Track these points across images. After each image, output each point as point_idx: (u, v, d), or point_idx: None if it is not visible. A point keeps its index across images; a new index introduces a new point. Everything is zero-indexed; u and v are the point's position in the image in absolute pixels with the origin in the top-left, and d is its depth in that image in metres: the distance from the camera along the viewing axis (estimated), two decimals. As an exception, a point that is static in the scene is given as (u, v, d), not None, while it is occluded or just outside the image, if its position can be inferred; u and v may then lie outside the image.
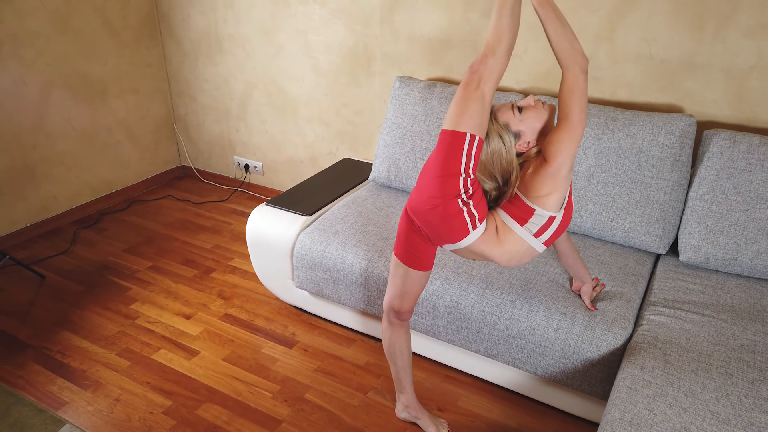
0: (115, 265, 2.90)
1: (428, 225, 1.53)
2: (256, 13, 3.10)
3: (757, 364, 1.61)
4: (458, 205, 1.46)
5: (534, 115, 1.49)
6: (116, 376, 2.20)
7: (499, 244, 1.53)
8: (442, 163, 1.44)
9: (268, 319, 2.52)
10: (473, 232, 1.50)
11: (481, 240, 1.52)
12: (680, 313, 1.82)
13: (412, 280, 1.73)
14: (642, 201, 2.09)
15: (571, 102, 1.40)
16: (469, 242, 1.52)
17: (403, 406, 1.98)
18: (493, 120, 1.49)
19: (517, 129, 1.49)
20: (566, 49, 1.40)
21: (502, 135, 1.48)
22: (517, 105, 1.50)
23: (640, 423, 1.43)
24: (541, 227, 1.51)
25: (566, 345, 1.82)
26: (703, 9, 2.09)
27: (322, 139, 3.21)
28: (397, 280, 1.75)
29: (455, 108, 1.44)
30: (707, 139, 2.04)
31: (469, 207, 1.47)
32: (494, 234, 1.52)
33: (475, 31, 2.54)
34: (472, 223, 1.49)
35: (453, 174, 1.44)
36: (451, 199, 1.46)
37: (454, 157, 1.43)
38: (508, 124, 1.49)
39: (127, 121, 3.47)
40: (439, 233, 1.53)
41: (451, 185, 1.44)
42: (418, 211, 1.54)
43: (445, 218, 1.48)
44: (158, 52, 3.54)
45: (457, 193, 1.45)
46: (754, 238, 1.93)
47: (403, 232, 1.67)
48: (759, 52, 2.06)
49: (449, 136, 1.43)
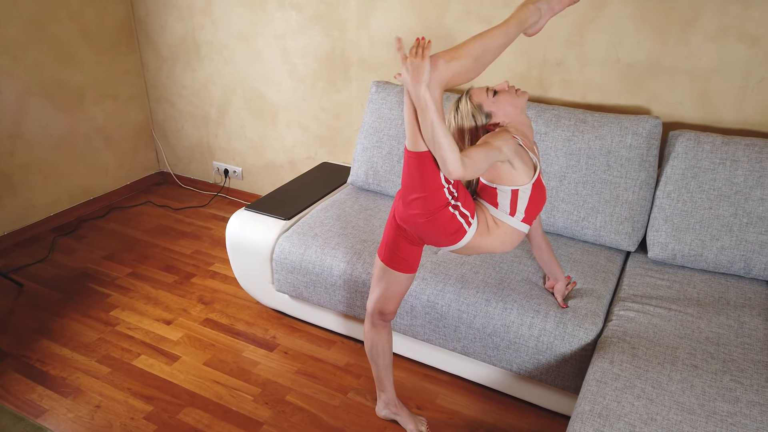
0: (94, 272, 2.90)
1: (424, 234, 1.59)
2: (233, 20, 3.12)
3: (720, 355, 1.67)
4: (449, 211, 1.52)
5: (507, 99, 1.58)
6: (97, 383, 2.20)
7: (489, 233, 1.60)
8: (421, 184, 1.48)
9: (248, 323, 2.54)
10: (469, 230, 1.57)
11: (477, 234, 1.59)
12: (648, 308, 1.88)
13: (397, 282, 1.77)
14: (611, 200, 2.15)
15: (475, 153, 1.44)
16: (467, 240, 1.58)
17: (384, 404, 2.01)
18: (467, 100, 1.57)
19: (489, 110, 1.57)
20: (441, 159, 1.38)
21: (475, 115, 1.57)
22: (492, 89, 1.58)
23: (609, 414, 1.48)
24: (511, 203, 1.58)
25: (539, 341, 1.87)
26: (667, 14, 2.16)
27: (300, 143, 3.24)
28: (383, 283, 1.78)
29: (411, 125, 1.42)
30: (673, 139, 2.11)
31: (459, 209, 1.53)
32: (485, 224, 1.59)
33: (450, 36, 2.59)
34: (466, 222, 1.55)
35: (436, 189, 1.48)
36: (441, 209, 1.51)
37: (431, 175, 1.47)
38: (481, 105, 1.57)
39: (105, 127, 3.46)
40: (436, 240, 1.59)
41: (438, 198, 1.50)
42: (411, 224, 1.59)
43: (440, 227, 1.53)
44: (136, 58, 3.54)
45: (445, 203, 1.51)
46: (718, 235, 2.00)
47: (391, 237, 1.70)
48: (720, 55, 2.14)
49: (416, 157, 1.45)
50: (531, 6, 1.53)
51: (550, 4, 1.55)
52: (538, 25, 1.57)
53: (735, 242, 1.98)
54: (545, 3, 1.55)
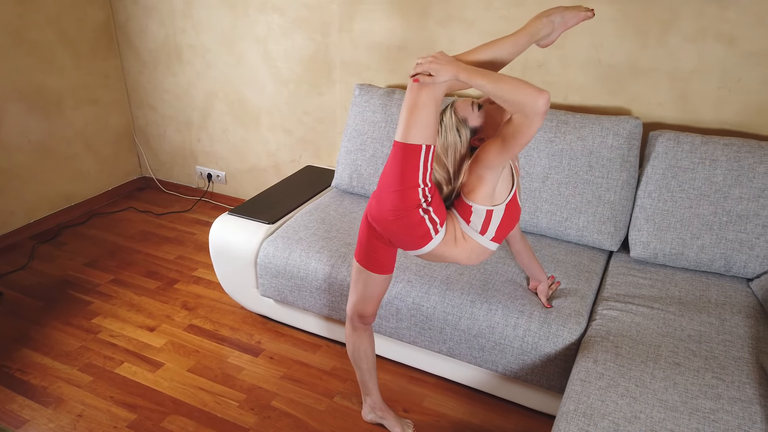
0: (75, 279, 2.86)
1: (392, 234, 1.58)
2: (214, 23, 3.10)
3: (702, 353, 1.69)
4: (419, 214, 1.51)
5: (492, 112, 1.54)
6: (78, 392, 2.17)
7: (456, 244, 1.58)
8: (400, 177, 1.47)
9: (233, 329, 2.52)
10: (435, 237, 1.55)
11: (443, 242, 1.57)
12: (631, 307, 1.89)
13: (374, 284, 1.77)
14: (594, 200, 2.17)
15: (521, 130, 1.34)
16: (432, 247, 1.57)
17: (370, 408, 2.01)
18: (452, 113, 1.53)
19: (475, 125, 1.53)
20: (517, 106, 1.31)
21: (460, 129, 1.52)
22: (477, 102, 1.54)
23: (593, 413, 1.49)
24: (483, 223, 1.56)
25: (524, 342, 1.88)
26: (646, 16, 2.19)
27: (284, 147, 3.22)
28: (360, 285, 1.78)
29: (407, 117, 1.43)
30: (653, 139, 2.14)
31: (430, 214, 1.52)
32: (452, 235, 1.57)
33: (432, 38, 2.60)
34: (434, 228, 1.53)
35: (412, 187, 1.47)
36: (412, 210, 1.50)
37: (411, 170, 1.46)
38: (466, 119, 1.52)
39: (85, 132, 3.42)
40: (403, 242, 1.57)
41: (411, 197, 1.49)
42: (380, 221, 1.58)
43: (408, 228, 1.52)
44: (116, 63, 3.50)
45: (417, 204, 1.50)
46: (698, 233, 2.03)
47: (364, 238, 1.70)
48: (699, 56, 2.17)
49: (403, 148, 1.45)
50: (544, 18, 1.54)
51: (564, 18, 1.55)
52: (551, 37, 1.57)
53: (715, 241, 2.01)
54: (559, 16, 1.54)
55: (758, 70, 2.10)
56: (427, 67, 1.38)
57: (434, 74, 1.37)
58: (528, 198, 2.27)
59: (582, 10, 1.55)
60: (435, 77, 1.37)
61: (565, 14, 1.55)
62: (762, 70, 2.10)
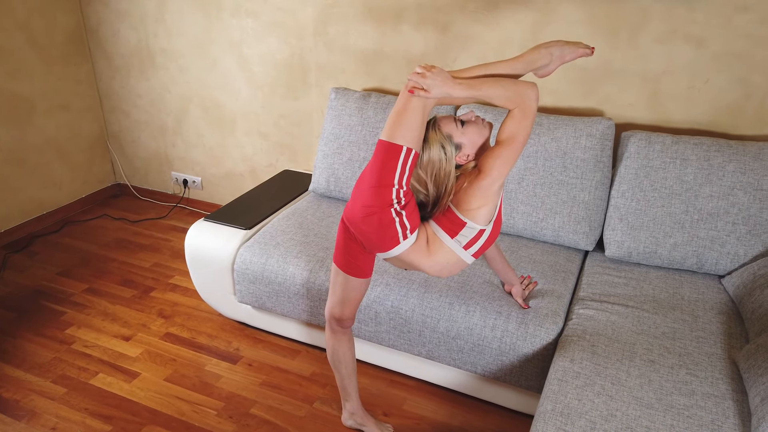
0: (48, 289, 2.80)
1: (362, 233, 1.57)
2: (187, 27, 3.07)
3: (676, 350, 1.72)
4: (391, 215, 1.50)
5: (475, 130, 1.53)
6: (52, 405, 2.12)
7: (428, 255, 1.57)
8: (378, 174, 1.48)
9: (210, 336, 2.49)
10: (403, 242, 1.54)
11: (411, 250, 1.56)
12: (607, 305, 1.92)
13: (351, 287, 1.76)
14: (569, 201, 2.19)
15: (521, 125, 1.45)
16: (399, 252, 1.56)
17: (349, 413, 2.00)
18: (436, 129, 1.52)
19: (459, 141, 1.52)
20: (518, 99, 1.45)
21: (445, 145, 1.50)
22: (459, 118, 1.54)
23: (571, 413, 1.50)
24: (471, 240, 1.56)
25: (502, 342, 1.89)
26: (616, 18, 2.22)
27: (261, 151, 3.20)
28: (338, 288, 1.78)
29: (395, 118, 1.46)
30: (625, 140, 2.17)
31: (402, 217, 1.51)
32: (424, 245, 1.56)
33: (406, 42, 2.60)
34: (403, 233, 1.53)
35: (387, 185, 1.48)
36: (384, 209, 1.49)
37: (388, 169, 1.46)
38: (451, 135, 1.51)
39: (57, 139, 3.36)
40: (371, 241, 1.57)
41: (385, 195, 1.48)
42: (352, 220, 1.57)
43: (378, 227, 1.51)
44: (88, 68, 3.45)
45: (390, 203, 1.49)
46: (670, 232, 2.06)
47: (341, 241, 1.70)
48: (669, 57, 2.20)
49: (385, 147, 1.46)
50: (543, 50, 1.57)
51: (563, 52, 1.58)
52: (548, 68, 1.61)
53: (687, 239, 2.04)
54: (558, 49, 1.58)
55: (726, 70, 2.14)
56: (422, 82, 1.44)
57: (428, 89, 1.44)
58: (504, 199, 2.28)
59: (581, 46, 1.59)
60: (428, 93, 1.44)
61: (564, 48, 1.59)
62: (729, 70, 2.14)
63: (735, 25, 2.08)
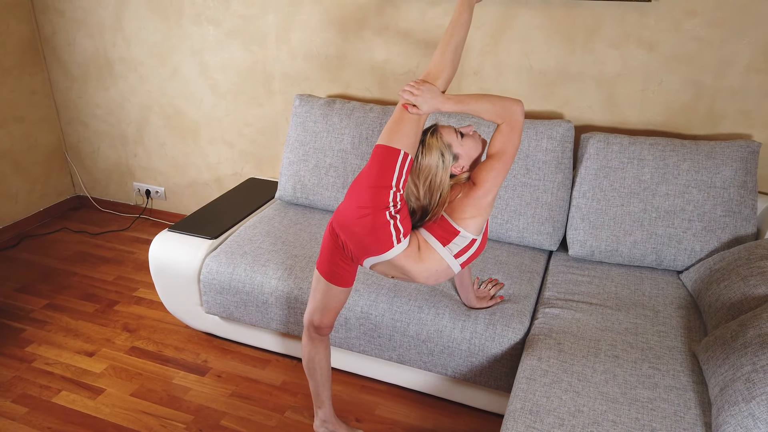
0: (5, 306, 2.71)
1: (354, 236, 1.57)
2: (146, 35, 3.02)
3: (639, 344, 1.77)
4: (386, 217, 1.52)
5: (472, 144, 1.59)
6: (13, 425, 2.05)
7: (420, 261, 1.58)
8: (376, 175, 1.51)
9: (178, 348, 2.45)
10: (397, 246, 1.55)
11: (404, 255, 1.57)
12: (571, 304, 1.96)
13: (332, 295, 1.75)
14: (532, 202, 2.23)
15: (510, 139, 1.52)
16: (393, 255, 1.57)
17: (321, 421, 1.99)
18: (437, 136, 1.55)
19: (457, 152, 1.56)
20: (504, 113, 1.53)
21: (444, 153, 1.54)
22: (459, 130, 1.59)
23: (539, 410, 1.53)
24: (462, 249, 1.59)
25: (472, 344, 1.91)
26: (572, 23, 2.28)
27: (226, 159, 3.17)
28: (318, 295, 1.77)
29: (392, 126, 1.54)
30: (584, 141, 2.22)
31: (396, 221, 1.53)
32: (416, 251, 1.58)
33: (369, 48, 2.62)
34: (397, 236, 1.54)
35: (385, 186, 1.51)
36: (380, 210, 1.52)
37: (387, 171, 1.51)
38: (451, 145, 1.55)
39: (12, 152, 3.26)
40: (364, 244, 1.56)
41: (382, 197, 1.51)
42: (345, 222, 1.57)
43: (372, 229, 1.53)
44: (43, 78, 3.36)
45: (386, 205, 1.52)
46: (630, 230, 2.12)
47: (327, 249, 1.69)
48: (623, 61, 2.27)
49: (383, 150, 1.52)
50: None
51: None
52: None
53: (646, 236, 2.10)
54: None
55: (677, 72, 2.22)
56: (412, 100, 1.54)
57: (419, 106, 1.54)
58: (469, 202, 2.31)
59: None
60: (419, 110, 1.54)
61: None
62: (681, 72, 2.22)
63: (684, 29, 2.16)
